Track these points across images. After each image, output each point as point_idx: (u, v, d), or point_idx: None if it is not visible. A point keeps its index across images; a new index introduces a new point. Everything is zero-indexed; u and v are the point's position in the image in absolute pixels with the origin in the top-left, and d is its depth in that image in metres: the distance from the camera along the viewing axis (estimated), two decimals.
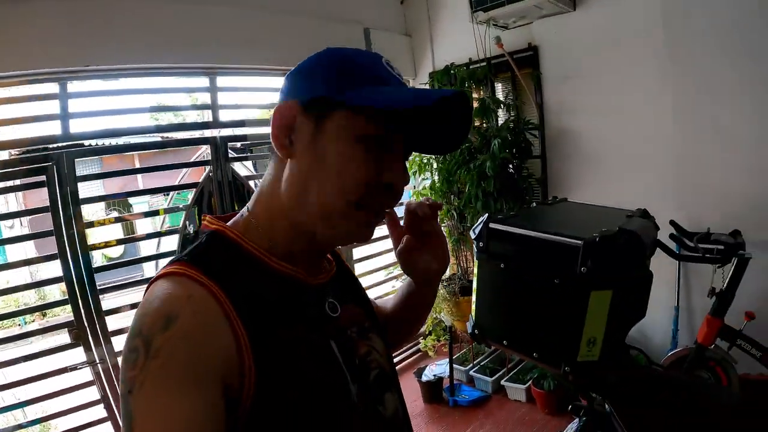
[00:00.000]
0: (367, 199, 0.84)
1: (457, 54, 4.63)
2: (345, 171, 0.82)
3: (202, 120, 3.77)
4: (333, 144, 0.82)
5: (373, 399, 0.94)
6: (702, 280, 3.50)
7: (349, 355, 0.92)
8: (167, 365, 0.68)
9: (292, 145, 0.85)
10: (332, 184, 0.83)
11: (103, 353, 3.04)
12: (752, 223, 3.20)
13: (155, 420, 0.65)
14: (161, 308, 0.72)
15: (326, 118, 0.83)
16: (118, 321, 3.15)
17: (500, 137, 3.90)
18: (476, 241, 1.25)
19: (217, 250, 0.85)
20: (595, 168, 4.05)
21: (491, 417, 3.87)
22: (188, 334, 0.70)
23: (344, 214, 0.85)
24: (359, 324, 1.00)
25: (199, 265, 0.78)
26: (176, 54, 3.32)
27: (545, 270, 1.11)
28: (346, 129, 0.82)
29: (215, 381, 0.70)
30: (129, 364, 0.69)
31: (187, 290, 0.75)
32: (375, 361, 0.98)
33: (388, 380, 1.00)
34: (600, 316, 1.09)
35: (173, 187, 3.64)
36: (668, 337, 3.70)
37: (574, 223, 1.42)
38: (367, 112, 0.81)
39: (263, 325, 0.78)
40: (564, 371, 1.13)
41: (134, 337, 0.71)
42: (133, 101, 3.38)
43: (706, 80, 3.37)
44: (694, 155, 3.51)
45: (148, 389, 0.67)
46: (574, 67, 4.03)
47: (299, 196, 0.86)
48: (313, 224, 0.86)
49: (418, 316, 1.27)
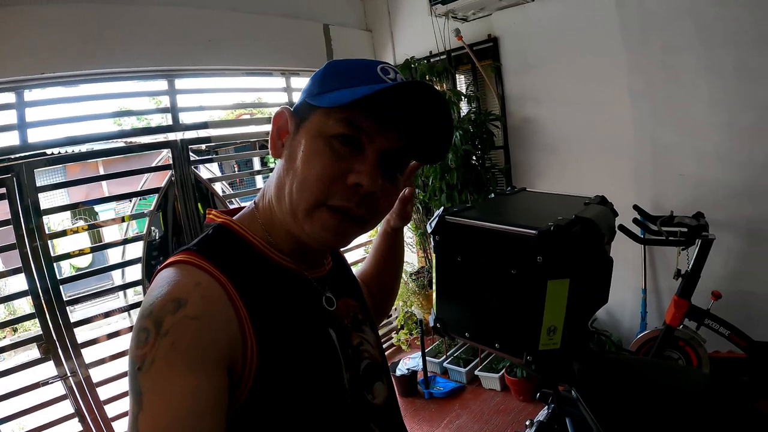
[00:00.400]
0: (333, 199, 0.85)
1: (417, 48, 4.62)
2: (308, 167, 0.84)
3: (165, 123, 3.70)
4: (301, 143, 0.86)
5: (362, 387, 0.97)
6: (667, 263, 3.57)
7: (344, 344, 0.96)
8: (177, 344, 0.70)
9: (283, 147, 0.91)
10: (297, 181, 0.85)
11: (74, 366, 2.98)
12: (714, 205, 3.27)
13: (165, 396, 0.67)
14: (171, 292, 0.75)
15: (305, 120, 0.87)
16: (88, 332, 3.11)
17: (462, 129, 3.91)
18: (433, 235, 1.25)
19: (223, 242, 0.89)
20: (558, 156, 4.08)
21: (467, 407, 3.89)
22: (197, 315, 0.73)
23: (308, 213, 0.86)
24: (354, 316, 1.05)
25: (206, 255, 0.82)
26: (135, 57, 3.25)
27: (502, 261, 1.11)
28: (316, 129, 0.85)
29: (221, 362, 0.73)
30: (139, 343, 0.71)
31: (195, 277, 0.78)
32: (367, 351, 1.03)
33: (378, 371, 1.04)
34: (559, 304, 1.10)
35: (135, 193, 3.54)
36: (637, 320, 3.74)
37: (530, 212, 1.42)
38: (338, 113, 0.84)
39: (265, 311, 0.82)
40: (526, 360, 1.13)
41: (145, 317, 0.73)
42: (94, 107, 3.30)
43: (663, 66, 3.41)
44: (653, 140, 3.55)
45: (158, 366, 0.69)
46: (534, 56, 4.05)
47: (279, 194, 0.89)
48: (289, 222, 0.89)
49: (391, 271, 1.37)
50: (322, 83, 0.88)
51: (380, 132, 0.86)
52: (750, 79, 3.09)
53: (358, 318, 1.06)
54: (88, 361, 3.05)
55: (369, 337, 1.07)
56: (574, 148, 3.97)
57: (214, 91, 3.82)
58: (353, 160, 0.85)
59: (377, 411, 1.00)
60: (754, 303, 3.26)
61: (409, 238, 4.89)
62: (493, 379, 4.03)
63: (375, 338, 1.09)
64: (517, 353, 1.15)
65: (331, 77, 0.88)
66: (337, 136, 0.84)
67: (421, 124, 0.90)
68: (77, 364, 2.99)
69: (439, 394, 4.10)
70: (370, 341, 1.06)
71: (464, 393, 4.12)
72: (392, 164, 0.91)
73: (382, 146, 0.87)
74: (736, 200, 3.26)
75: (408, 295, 4.65)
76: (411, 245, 4.92)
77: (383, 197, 0.91)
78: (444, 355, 4.51)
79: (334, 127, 0.84)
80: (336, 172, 0.84)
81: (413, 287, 4.58)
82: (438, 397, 4.10)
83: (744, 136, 3.17)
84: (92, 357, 3.11)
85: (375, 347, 1.07)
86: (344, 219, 0.87)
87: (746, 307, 3.24)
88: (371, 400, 0.99)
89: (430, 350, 4.62)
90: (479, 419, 3.71)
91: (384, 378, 1.06)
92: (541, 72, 4.04)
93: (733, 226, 3.29)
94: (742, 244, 3.30)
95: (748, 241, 3.27)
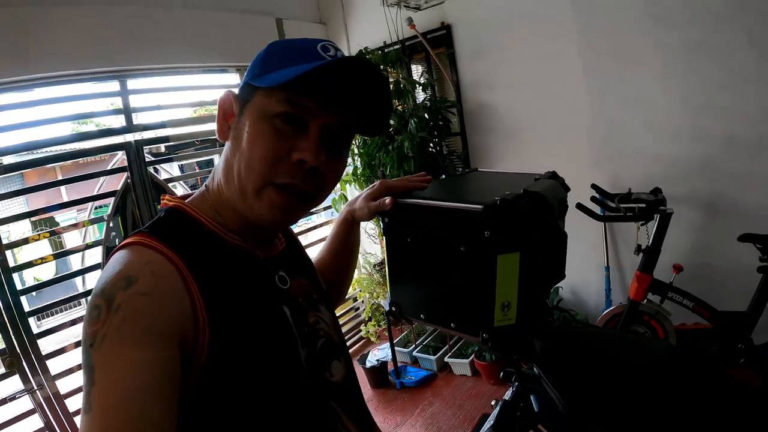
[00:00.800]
0: (279, 177, 0.87)
1: (371, 39, 4.59)
2: (253, 148, 0.86)
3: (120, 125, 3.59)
4: (246, 124, 0.87)
5: (319, 365, 0.99)
6: (628, 239, 3.61)
7: (299, 321, 0.97)
8: (128, 319, 0.71)
9: (229, 130, 0.92)
10: (244, 162, 0.87)
11: (40, 379, 2.88)
12: (671, 181, 3.32)
13: (116, 370, 0.68)
14: (122, 270, 0.76)
15: (249, 102, 0.88)
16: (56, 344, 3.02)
17: (417, 117, 3.89)
18: (380, 217, 1.23)
19: (174, 223, 0.90)
20: (515, 139, 4.09)
21: (439, 394, 3.89)
22: (148, 292, 0.74)
23: (256, 193, 0.88)
24: (308, 295, 1.06)
25: (157, 235, 0.83)
26: (86, 59, 3.16)
27: (451, 239, 1.10)
28: (259, 109, 0.87)
29: (173, 337, 0.74)
30: (91, 320, 0.72)
31: (146, 256, 0.79)
32: (323, 330, 1.05)
33: (335, 349, 1.06)
34: (511, 279, 1.08)
35: (91, 197, 3.46)
36: (602, 298, 3.79)
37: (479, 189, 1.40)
38: (279, 92, 0.85)
39: (217, 289, 0.83)
40: (483, 338, 1.12)
41: (97, 296, 0.74)
42: (48, 112, 3.19)
43: (615, 45, 3.44)
44: (608, 119, 3.58)
45: (110, 341, 0.69)
46: (488, 42, 4.05)
47: (227, 176, 0.91)
48: (238, 203, 0.91)
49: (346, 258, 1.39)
50: (263, 64, 0.89)
51: (321, 109, 0.88)
52: (702, 56, 3.13)
53: (313, 297, 1.08)
54: (56, 372, 2.96)
55: (325, 316, 1.08)
56: (530, 130, 3.99)
57: (167, 90, 3.74)
58: (297, 137, 0.87)
59: (336, 388, 1.02)
60: (714, 274, 3.32)
61: (371, 229, 4.87)
62: (464, 364, 4.04)
63: (331, 317, 1.11)
64: (473, 331, 1.13)
65: (272, 58, 0.89)
66: (279, 115, 0.86)
67: (361, 99, 0.92)
68: (44, 377, 2.90)
69: (411, 383, 4.09)
70: (326, 320, 1.07)
71: (435, 381, 4.12)
72: (336, 139, 0.93)
73: (324, 122, 0.88)
74: (693, 175, 3.31)
75: (373, 286, 4.63)
76: (374, 236, 4.91)
77: (328, 172, 0.93)
78: (413, 344, 4.49)
79: (275, 106, 0.86)
80: (280, 150, 0.86)
81: (378, 278, 4.57)
82: (409, 386, 4.09)
83: (697, 112, 3.22)
84: (60, 368, 3.02)
85: (331, 326, 1.09)
86: (291, 196, 0.89)
87: (708, 279, 3.30)
88: (329, 378, 1.01)
89: (399, 340, 4.61)
90: (452, 405, 3.71)
91: (341, 357, 1.08)
92: (495, 57, 4.04)
93: (691, 200, 3.34)
94: (700, 217, 3.35)
95: (705, 214, 3.32)
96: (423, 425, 3.55)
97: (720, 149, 3.18)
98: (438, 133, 4.09)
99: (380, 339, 4.90)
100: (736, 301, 3.03)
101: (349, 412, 1.04)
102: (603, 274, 3.76)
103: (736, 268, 3.17)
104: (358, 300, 5.18)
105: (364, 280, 4.69)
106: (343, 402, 1.02)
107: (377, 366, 4.18)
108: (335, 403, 1.00)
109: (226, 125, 0.93)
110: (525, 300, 1.15)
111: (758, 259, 2.81)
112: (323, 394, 0.98)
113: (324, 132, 0.89)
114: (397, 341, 4.47)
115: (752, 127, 3.05)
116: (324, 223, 4.95)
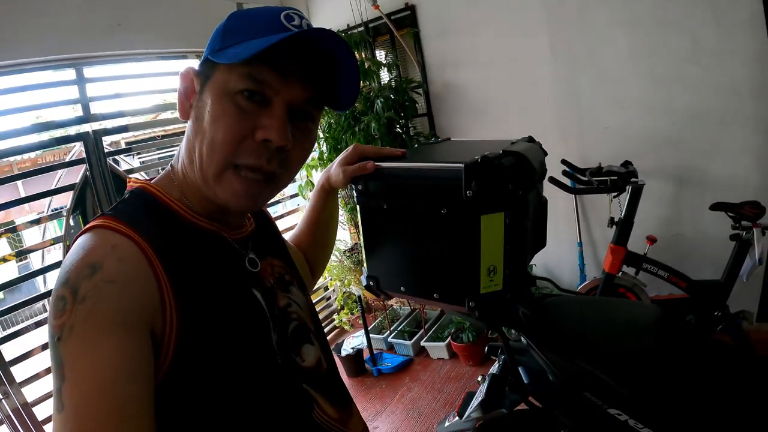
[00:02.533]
0: (242, 158, 0.82)
1: (334, 21, 4.51)
2: (215, 128, 0.81)
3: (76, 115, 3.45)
4: (208, 104, 0.82)
5: (289, 349, 0.96)
6: (600, 213, 3.63)
7: (271, 304, 0.94)
8: (95, 308, 0.67)
9: (191, 108, 0.86)
10: (206, 144, 0.82)
11: (6, 388, 2.73)
12: (641, 154, 3.33)
13: (87, 362, 0.65)
14: (86, 257, 0.72)
15: (209, 79, 0.83)
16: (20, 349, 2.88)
17: (383, 97, 3.84)
18: (354, 184, 1.17)
19: (139, 205, 0.85)
20: (482, 118, 4.07)
21: (417, 379, 3.86)
22: (114, 278, 0.70)
23: (217, 178, 0.84)
24: (280, 277, 1.03)
25: (122, 218, 0.79)
26: (38, 46, 3.00)
27: (430, 202, 1.04)
28: (220, 87, 0.82)
29: (142, 324, 0.71)
30: (57, 313, 0.69)
31: (111, 240, 0.75)
32: (295, 313, 1.01)
33: (307, 333, 1.03)
34: (495, 241, 1.03)
35: (50, 191, 3.30)
36: (576, 273, 3.80)
37: (457, 153, 1.36)
38: (239, 68, 0.80)
39: (184, 272, 0.79)
40: (469, 307, 1.07)
41: (60, 286, 0.70)
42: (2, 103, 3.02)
43: (580, 19, 3.43)
44: (576, 95, 3.58)
45: (77, 333, 0.66)
46: (453, 21, 4.01)
47: (189, 157, 0.87)
48: (201, 186, 0.87)
49: (326, 227, 1.37)
50: (223, 38, 0.83)
51: (285, 83, 0.83)
52: (667, 29, 3.14)
53: (285, 279, 1.04)
54: (22, 379, 2.82)
55: (297, 298, 1.05)
56: (498, 108, 3.97)
57: (126, 78, 3.60)
58: (260, 114, 0.82)
59: (308, 373, 0.99)
60: (688, 244, 3.36)
61: (341, 216, 4.80)
62: (440, 348, 4.01)
63: (304, 299, 1.08)
64: (459, 301, 1.08)
65: (233, 30, 0.84)
66: (241, 91, 0.81)
67: (328, 71, 0.89)
68: (8, 384, 2.74)
69: (388, 369, 4.06)
70: (298, 302, 1.04)
71: (413, 366, 4.09)
72: (303, 115, 0.88)
73: (289, 98, 0.84)
74: (662, 148, 3.33)
75: (344, 273, 4.57)
76: (342, 223, 4.84)
77: (296, 148, 0.88)
78: (388, 331, 4.47)
79: (237, 82, 0.80)
80: (243, 129, 0.81)
81: (348, 264, 4.51)
82: (387, 372, 4.06)
83: (663, 86, 3.24)
84: (27, 374, 2.87)
85: (304, 308, 1.06)
86: (254, 180, 0.85)
87: (681, 249, 3.35)
88: (300, 363, 0.98)
89: (374, 327, 4.57)
90: (431, 389, 3.68)
91: (316, 340, 1.05)
92: (460, 36, 4.01)
93: (661, 173, 3.37)
94: (670, 189, 3.37)
95: (676, 186, 3.35)
96: (403, 411, 3.52)
97: (687, 122, 3.21)
98: (404, 113, 4.04)
99: (354, 327, 4.86)
100: (709, 269, 3.07)
101: (327, 395, 1.01)
102: (576, 250, 3.77)
103: (709, 237, 3.22)
104: (330, 288, 5.11)
105: (334, 267, 4.62)
106: (318, 386, 0.99)
107: (353, 354, 4.14)
108: (308, 386, 0.97)
109: (188, 103, 0.87)
110: (511, 264, 1.10)
111: (730, 227, 2.83)
112: (295, 379, 0.95)
113: (290, 108, 0.84)
114: (371, 328, 4.43)
115: (718, 100, 3.08)
116: (292, 211, 4.85)
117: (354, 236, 4.95)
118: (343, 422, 1.02)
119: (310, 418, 0.94)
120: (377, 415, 3.55)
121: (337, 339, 4.70)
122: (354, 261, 4.48)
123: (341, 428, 1.01)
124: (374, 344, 4.26)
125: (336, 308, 5.01)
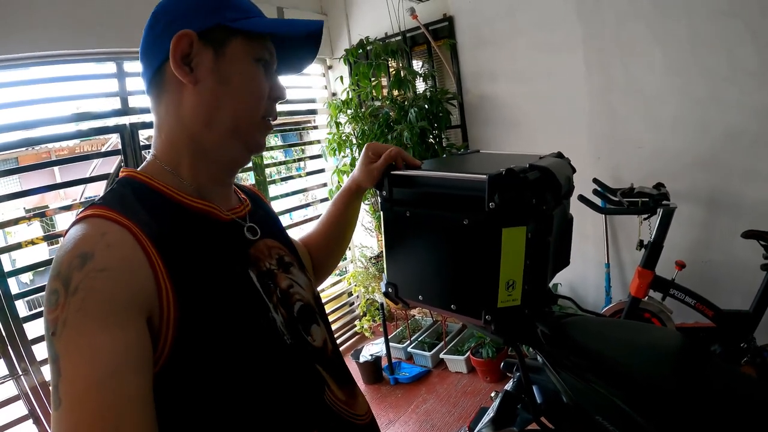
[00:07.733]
0: (266, 112, 0.96)
1: (373, 29, 4.51)
2: (252, 88, 0.92)
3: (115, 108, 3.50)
4: (237, 67, 0.90)
5: (299, 329, 0.98)
6: (629, 235, 3.57)
7: (269, 285, 0.95)
8: (88, 299, 0.68)
9: (192, 73, 0.88)
10: (244, 101, 0.91)
11: (26, 365, 2.79)
12: (673, 176, 3.26)
13: (82, 355, 0.65)
14: (77, 247, 0.72)
15: (225, 45, 0.89)
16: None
17: (417, 107, 3.83)
18: (378, 190, 1.17)
19: (128, 191, 0.86)
20: (515, 132, 4.04)
21: (434, 391, 3.83)
22: (106, 267, 0.70)
23: (256, 126, 0.95)
24: (279, 258, 1.04)
25: (113, 206, 0.80)
26: (82, 40, 3.07)
27: (453, 211, 1.04)
28: (246, 53, 0.91)
29: (138, 311, 0.71)
30: (50, 307, 0.69)
31: (101, 229, 0.75)
32: (298, 293, 1.03)
33: (312, 313, 1.05)
34: (516, 255, 1.02)
35: (83, 180, 3.37)
36: (602, 295, 3.73)
37: (483, 165, 1.35)
38: (260, 39, 0.93)
39: (180, 257, 0.80)
40: (485, 320, 1.06)
41: (53, 279, 0.71)
42: (44, 92, 3.10)
43: (617, 37, 3.39)
44: (610, 113, 3.53)
45: (72, 326, 0.67)
46: (490, 34, 3.99)
47: (209, 117, 0.90)
48: (222, 142, 0.92)
49: (343, 230, 1.38)
50: (226, 9, 0.90)
51: (275, 56, 0.99)
52: (703, 49, 3.09)
53: (285, 260, 1.05)
54: (42, 358, 2.85)
55: (299, 279, 1.06)
56: (530, 123, 3.94)
57: None
58: (268, 78, 0.96)
59: (319, 353, 1.01)
60: (717, 271, 3.27)
61: (368, 222, 4.81)
62: (459, 361, 3.97)
63: (306, 280, 1.09)
64: (475, 313, 1.07)
65: (228, 5, 0.91)
66: (261, 59, 0.94)
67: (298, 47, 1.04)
68: (28, 361, 2.80)
69: (405, 379, 4.03)
70: (300, 283, 1.06)
71: (430, 377, 4.05)
72: None
73: (275, 65, 1.00)
74: (695, 170, 3.26)
75: (369, 280, 4.56)
76: (370, 230, 4.84)
77: None
78: (408, 340, 4.44)
79: (259, 51, 0.93)
80: (266, 89, 0.95)
81: (374, 271, 4.50)
82: (403, 382, 4.03)
83: (699, 106, 3.18)
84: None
85: (307, 290, 1.07)
86: (269, 130, 1.00)
87: (709, 276, 3.26)
88: (312, 342, 1.00)
89: (394, 336, 4.55)
90: (446, 402, 3.65)
91: (320, 321, 1.07)
92: (497, 48, 3.99)
93: (693, 195, 3.29)
94: (702, 213, 3.30)
95: (708, 210, 3.28)
96: (417, 422, 3.49)
97: (723, 144, 3.14)
98: (437, 124, 4.02)
99: (374, 335, 4.84)
100: (738, 298, 2.99)
101: (335, 377, 1.03)
102: (603, 271, 3.70)
103: (739, 265, 3.13)
104: (353, 294, 5.11)
105: (359, 274, 4.62)
106: (327, 366, 1.02)
107: (371, 361, 4.12)
108: (320, 366, 0.99)
109: (188, 68, 0.88)
110: (530, 280, 1.08)
111: (762, 256, 2.75)
112: (308, 359, 0.97)
113: None
114: (391, 337, 4.41)
115: (755, 121, 3.01)
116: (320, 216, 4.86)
117: (381, 243, 4.94)
118: (349, 405, 1.03)
119: (321, 400, 0.96)
120: (390, 424, 3.53)
121: (357, 345, 4.69)
122: (379, 268, 4.47)
123: (348, 410, 1.02)
124: (393, 353, 4.24)
125: (358, 314, 5.00)
